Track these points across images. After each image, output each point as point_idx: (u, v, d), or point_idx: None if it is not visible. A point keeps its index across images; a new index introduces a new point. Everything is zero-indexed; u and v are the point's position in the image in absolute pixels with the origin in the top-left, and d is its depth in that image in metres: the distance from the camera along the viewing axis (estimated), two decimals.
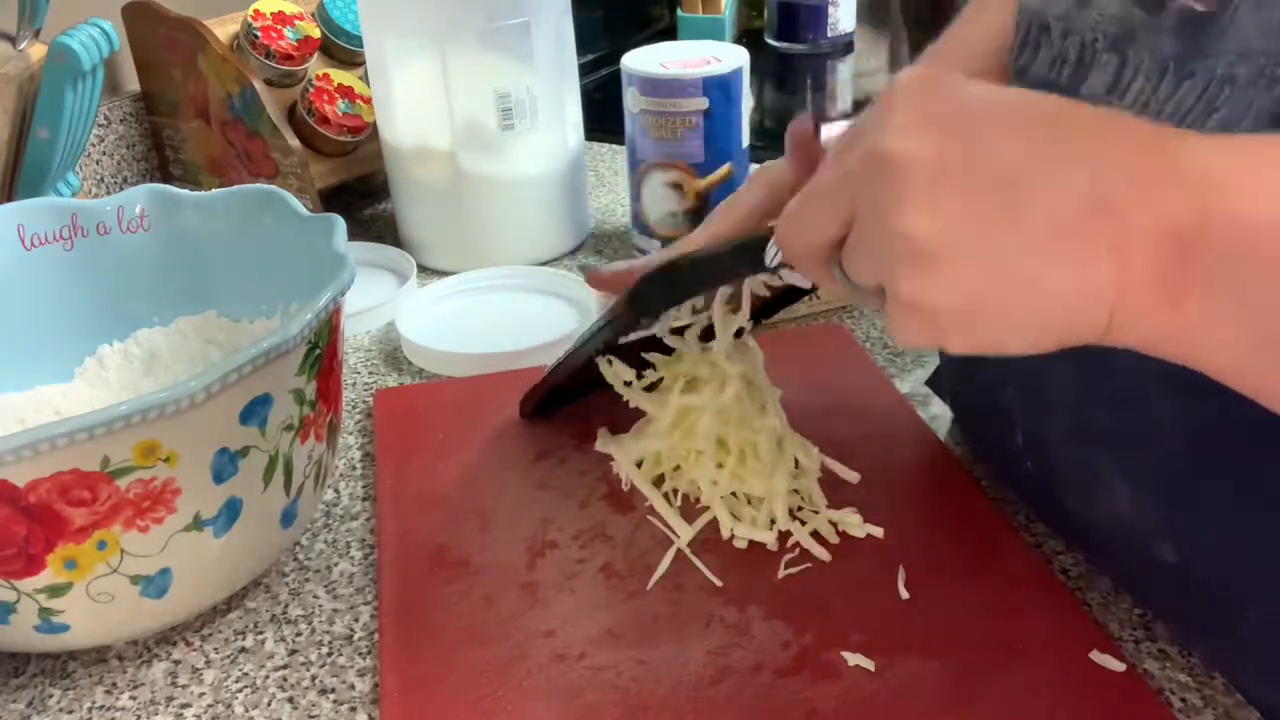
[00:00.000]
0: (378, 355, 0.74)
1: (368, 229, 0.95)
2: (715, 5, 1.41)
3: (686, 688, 0.44)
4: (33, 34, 0.77)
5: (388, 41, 0.80)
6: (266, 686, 0.47)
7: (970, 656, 0.45)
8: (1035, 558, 0.50)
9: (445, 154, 0.81)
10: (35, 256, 0.59)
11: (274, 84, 0.89)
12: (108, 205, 0.60)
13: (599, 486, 0.57)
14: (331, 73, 0.91)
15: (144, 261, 0.60)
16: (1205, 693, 0.43)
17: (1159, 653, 0.46)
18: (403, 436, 0.62)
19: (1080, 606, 0.47)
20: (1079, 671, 0.44)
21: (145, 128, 0.98)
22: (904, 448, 0.58)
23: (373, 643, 0.49)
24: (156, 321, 0.62)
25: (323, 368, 0.49)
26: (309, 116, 0.88)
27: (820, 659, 0.45)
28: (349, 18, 0.93)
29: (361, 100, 0.90)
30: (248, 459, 0.45)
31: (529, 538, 0.53)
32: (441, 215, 0.84)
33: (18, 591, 0.43)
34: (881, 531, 0.52)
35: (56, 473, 0.40)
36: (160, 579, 0.45)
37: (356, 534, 0.56)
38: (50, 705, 0.47)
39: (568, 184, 0.85)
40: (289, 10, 0.90)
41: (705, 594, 0.49)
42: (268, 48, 0.87)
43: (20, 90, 0.75)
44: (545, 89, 0.81)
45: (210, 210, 0.60)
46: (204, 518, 0.45)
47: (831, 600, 0.48)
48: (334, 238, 0.52)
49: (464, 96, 0.79)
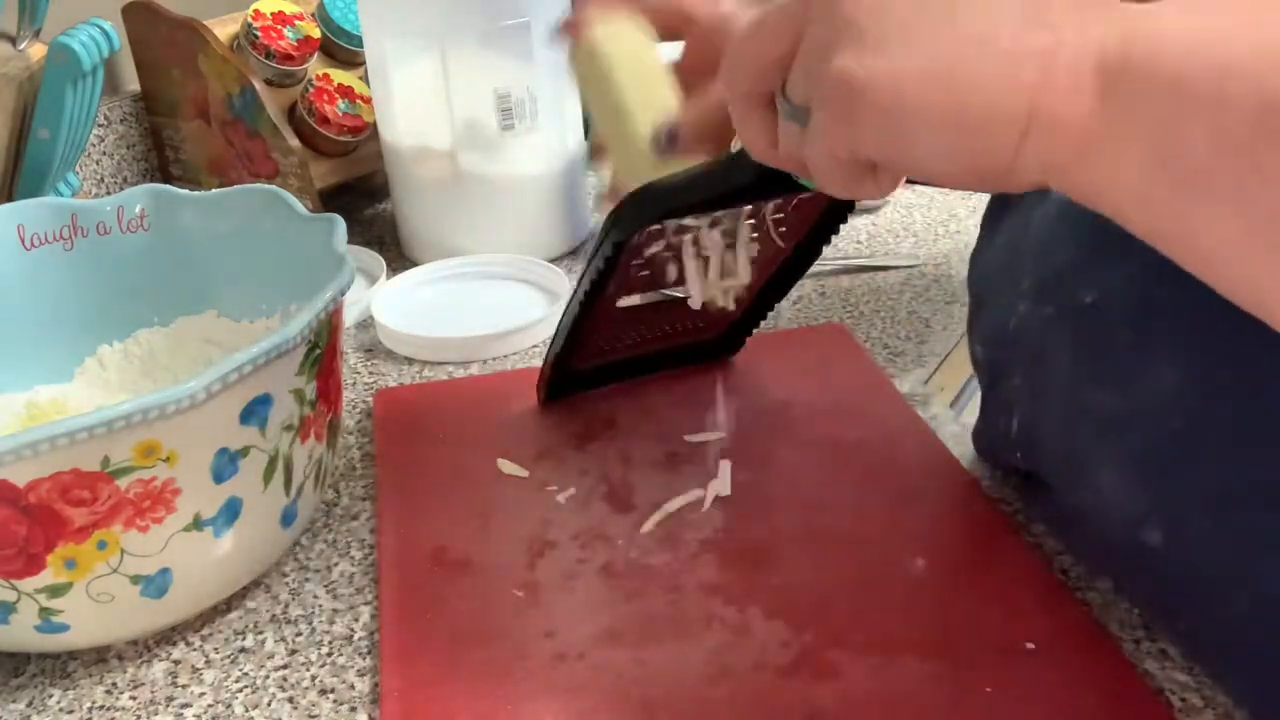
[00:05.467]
0: (379, 355, 0.74)
1: (368, 229, 0.95)
2: None
3: (686, 688, 0.44)
4: (33, 34, 0.77)
5: (388, 41, 0.80)
6: (266, 686, 0.47)
7: (970, 656, 0.45)
8: (1035, 558, 0.50)
9: (445, 154, 0.81)
10: (35, 256, 0.59)
11: (274, 84, 0.89)
12: (108, 205, 0.60)
13: (599, 486, 0.57)
14: (331, 73, 0.91)
15: (144, 261, 0.60)
16: (1205, 693, 0.43)
17: (1159, 653, 0.46)
18: (403, 436, 0.62)
19: (1080, 606, 0.47)
20: (1078, 671, 0.44)
21: (145, 128, 0.98)
22: (904, 448, 0.58)
23: (373, 643, 0.49)
24: (156, 321, 0.62)
25: (323, 368, 0.49)
26: (309, 116, 0.88)
27: (820, 659, 0.45)
28: (349, 18, 0.93)
29: (361, 100, 0.90)
30: (248, 459, 0.45)
31: (529, 538, 0.53)
32: (441, 215, 0.84)
33: (18, 591, 0.43)
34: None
35: (56, 473, 0.40)
36: (160, 579, 0.45)
37: (356, 534, 0.56)
38: (50, 705, 0.47)
39: (568, 184, 0.85)
40: (289, 10, 0.90)
41: (705, 594, 0.49)
42: (268, 48, 0.88)
43: (20, 90, 0.75)
44: (545, 89, 0.81)
45: (210, 210, 0.60)
46: (204, 518, 0.45)
47: (831, 600, 0.48)
48: (334, 238, 0.52)
49: (464, 96, 0.79)
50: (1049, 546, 0.52)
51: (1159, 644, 0.46)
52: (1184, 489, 0.40)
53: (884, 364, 0.68)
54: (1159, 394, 0.40)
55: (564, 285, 0.77)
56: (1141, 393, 0.40)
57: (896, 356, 0.69)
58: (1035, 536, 0.53)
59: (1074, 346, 0.43)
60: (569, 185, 0.85)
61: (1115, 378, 0.41)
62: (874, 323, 0.73)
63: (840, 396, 0.61)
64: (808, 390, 0.63)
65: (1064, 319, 0.38)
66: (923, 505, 0.54)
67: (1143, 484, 0.41)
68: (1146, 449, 0.41)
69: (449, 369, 0.71)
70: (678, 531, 0.53)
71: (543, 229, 0.85)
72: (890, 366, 0.68)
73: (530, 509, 0.56)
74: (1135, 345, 0.35)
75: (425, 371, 0.71)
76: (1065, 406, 0.44)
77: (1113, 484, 0.42)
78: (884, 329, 0.73)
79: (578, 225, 0.88)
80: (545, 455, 0.60)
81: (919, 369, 0.68)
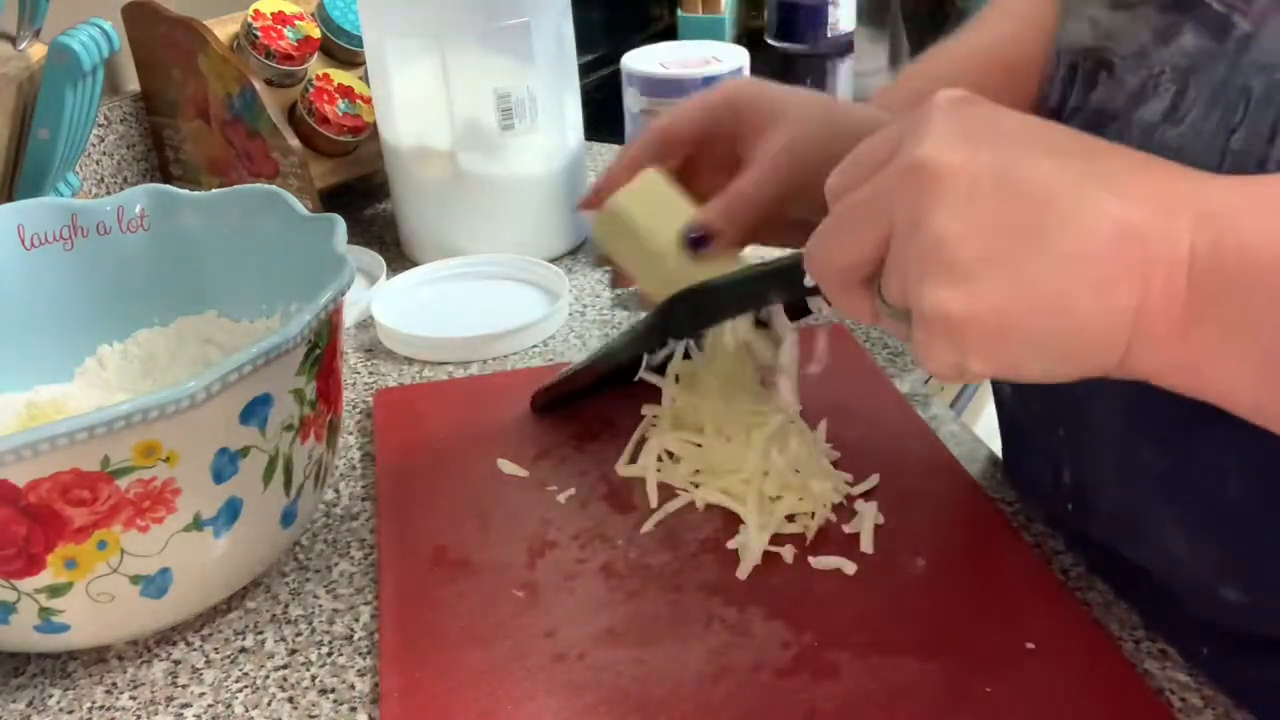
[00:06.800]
0: (379, 355, 0.74)
1: (368, 229, 0.95)
2: (715, 5, 1.41)
3: (686, 688, 0.44)
4: (33, 34, 0.77)
5: (388, 41, 0.80)
6: (266, 686, 0.47)
7: (970, 656, 0.45)
8: (1035, 558, 0.50)
9: (445, 154, 0.81)
10: (35, 256, 0.59)
11: (274, 84, 0.89)
12: (108, 205, 0.60)
13: (599, 486, 0.57)
14: (331, 73, 0.91)
15: (144, 261, 0.60)
16: (1205, 693, 0.43)
17: (1159, 653, 0.46)
18: (403, 436, 0.62)
19: (1080, 606, 0.47)
20: (1079, 672, 0.44)
21: (145, 128, 0.98)
22: (904, 448, 0.58)
23: (373, 643, 0.49)
24: (156, 321, 0.62)
25: (323, 368, 0.49)
26: (309, 116, 0.88)
27: (820, 659, 0.45)
28: (349, 18, 0.93)
29: (361, 100, 0.90)
30: (248, 459, 0.45)
31: (529, 538, 0.53)
32: (441, 215, 0.84)
33: (18, 591, 0.43)
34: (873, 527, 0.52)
35: (56, 473, 0.40)
36: (160, 579, 0.45)
37: (356, 534, 0.56)
38: (50, 705, 0.47)
39: (568, 184, 0.85)
40: (289, 10, 0.90)
41: (705, 594, 0.49)
42: (268, 48, 0.87)
43: (20, 90, 0.75)
44: (545, 89, 0.81)
45: (210, 210, 0.60)
46: (204, 518, 0.45)
47: (831, 600, 0.48)
48: (334, 238, 0.52)
49: (464, 96, 0.79)
50: (1049, 547, 0.52)
51: (1159, 644, 0.46)
52: (1258, 545, 0.39)
53: (884, 364, 0.68)
54: (1215, 456, 0.39)
55: (564, 285, 0.77)
56: (1198, 456, 0.40)
57: (896, 356, 0.69)
58: (1035, 536, 0.53)
59: (1122, 411, 0.43)
60: (569, 185, 0.85)
61: (1167, 443, 0.41)
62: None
63: (840, 396, 0.61)
64: (808, 390, 0.63)
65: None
66: (923, 505, 0.54)
67: (1215, 542, 0.41)
68: (1211, 508, 0.40)
69: (449, 369, 0.71)
70: (678, 531, 0.53)
71: (543, 229, 0.85)
72: (890, 366, 0.68)
73: (530, 509, 0.56)
74: (1181, 407, 0.35)
75: (425, 371, 0.71)
76: (1121, 467, 0.44)
77: (1179, 542, 0.42)
78: (884, 329, 0.72)
79: (578, 225, 0.88)
80: (545, 455, 0.60)
81: (919, 369, 0.68)
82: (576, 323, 0.76)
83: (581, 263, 0.86)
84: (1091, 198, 0.30)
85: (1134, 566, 0.46)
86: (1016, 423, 0.54)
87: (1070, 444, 0.47)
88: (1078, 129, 0.34)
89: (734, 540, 0.52)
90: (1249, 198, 0.30)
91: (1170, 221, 0.30)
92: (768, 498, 0.53)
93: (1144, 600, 0.48)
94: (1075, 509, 0.48)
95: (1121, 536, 0.46)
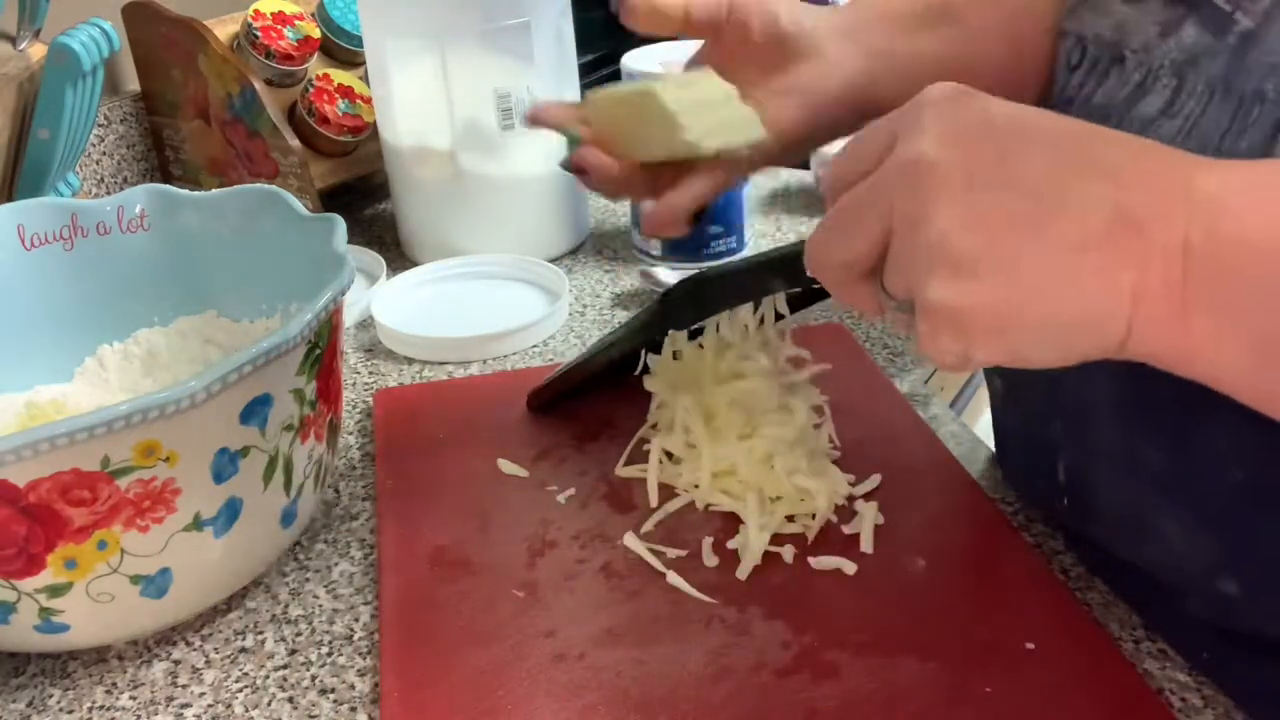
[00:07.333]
0: (379, 355, 0.74)
1: (368, 229, 0.95)
2: None
3: (686, 688, 0.44)
4: (33, 34, 0.77)
5: (388, 41, 0.80)
6: (266, 686, 0.47)
7: (970, 656, 0.45)
8: (1035, 558, 0.50)
9: (445, 154, 0.81)
10: (35, 256, 0.59)
11: (274, 84, 0.89)
12: (108, 205, 0.60)
13: (599, 486, 0.57)
14: (331, 73, 0.91)
15: (144, 261, 0.60)
16: (1205, 693, 0.43)
17: (1159, 653, 0.46)
18: (403, 436, 0.62)
19: (1080, 606, 0.47)
20: (1078, 672, 0.44)
21: (145, 128, 0.98)
22: (904, 448, 0.58)
23: (373, 643, 0.49)
24: (156, 321, 0.62)
25: (323, 368, 0.49)
26: (309, 116, 0.88)
27: (820, 659, 0.45)
28: (349, 18, 0.93)
29: (361, 100, 0.90)
30: (248, 459, 0.45)
31: (529, 538, 0.53)
32: (441, 215, 0.84)
33: (18, 591, 0.43)
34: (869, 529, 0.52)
35: (56, 473, 0.40)
36: (160, 579, 0.45)
37: (356, 534, 0.56)
38: (50, 705, 0.47)
39: (568, 184, 0.85)
40: (289, 10, 0.90)
41: (705, 594, 0.49)
42: (268, 48, 0.87)
43: (20, 90, 0.75)
44: (545, 89, 0.81)
45: (210, 210, 0.60)
46: (204, 518, 0.45)
47: (831, 600, 0.48)
48: (334, 238, 0.52)
49: (464, 96, 0.79)
50: (1049, 547, 0.52)
51: (1159, 644, 0.46)
52: (1256, 537, 0.39)
53: (884, 364, 0.68)
54: (1214, 449, 0.39)
55: (564, 285, 0.77)
56: (1196, 449, 0.40)
57: (896, 356, 0.69)
58: (1035, 536, 0.53)
59: (1119, 405, 0.43)
60: (569, 185, 0.85)
61: (1165, 436, 0.41)
62: (874, 323, 0.73)
63: (840, 396, 0.61)
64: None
65: (1101, 368, 0.38)
66: (923, 505, 0.54)
67: (1213, 536, 0.41)
68: (1210, 501, 0.40)
69: (449, 369, 0.71)
70: (678, 531, 0.53)
71: (543, 229, 0.85)
72: (890, 366, 0.68)
73: (530, 509, 0.56)
74: (1179, 399, 0.35)
75: (425, 371, 0.71)
76: (1118, 461, 0.44)
77: (1177, 536, 0.42)
78: (884, 329, 0.73)
79: (578, 225, 0.88)
80: (545, 455, 0.60)
81: (919, 369, 0.68)
82: (576, 323, 0.76)
83: (581, 263, 0.86)
84: (1088, 186, 0.31)
85: (1134, 567, 0.46)
86: (1010, 417, 0.54)
87: (1065, 437, 0.47)
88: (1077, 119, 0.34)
89: (734, 540, 0.52)
90: (1245, 183, 0.31)
91: (1167, 208, 0.30)
92: (768, 498, 0.53)
93: (1144, 600, 0.48)
94: (1071, 504, 0.48)
95: (1118, 530, 0.46)
